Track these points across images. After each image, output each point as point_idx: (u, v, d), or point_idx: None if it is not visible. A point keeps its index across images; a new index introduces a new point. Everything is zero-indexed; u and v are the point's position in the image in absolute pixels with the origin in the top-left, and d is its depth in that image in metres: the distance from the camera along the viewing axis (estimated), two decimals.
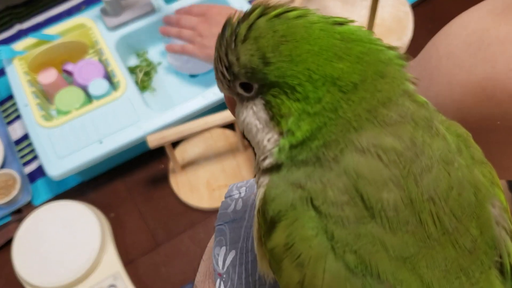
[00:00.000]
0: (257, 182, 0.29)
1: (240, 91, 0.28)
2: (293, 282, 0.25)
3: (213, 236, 0.46)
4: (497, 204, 0.26)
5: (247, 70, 0.26)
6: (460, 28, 0.38)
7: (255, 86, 0.27)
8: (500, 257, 0.26)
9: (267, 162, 0.27)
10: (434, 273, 0.24)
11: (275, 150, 0.27)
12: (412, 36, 1.16)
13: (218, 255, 0.42)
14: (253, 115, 0.28)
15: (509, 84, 0.33)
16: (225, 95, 0.31)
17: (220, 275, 0.42)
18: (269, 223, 0.26)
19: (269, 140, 0.28)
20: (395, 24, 1.17)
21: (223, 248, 0.42)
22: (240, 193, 0.45)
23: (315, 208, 0.24)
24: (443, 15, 1.22)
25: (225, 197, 0.46)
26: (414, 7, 1.22)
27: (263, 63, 0.26)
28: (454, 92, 0.36)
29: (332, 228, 0.24)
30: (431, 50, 0.40)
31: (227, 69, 0.28)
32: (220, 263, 0.42)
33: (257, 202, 0.28)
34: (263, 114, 0.28)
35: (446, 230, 0.24)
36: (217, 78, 0.29)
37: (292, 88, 0.26)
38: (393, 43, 1.14)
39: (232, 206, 0.44)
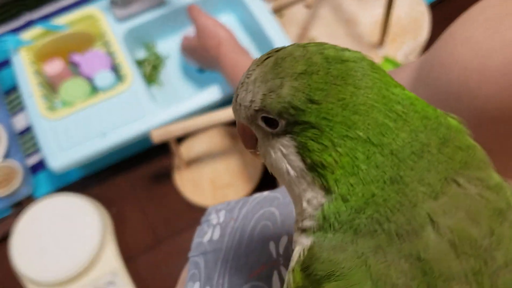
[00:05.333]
0: (294, 240, 0.25)
1: (261, 124, 0.25)
2: None
3: (186, 267, 0.42)
4: None
5: (284, 105, 0.23)
6: (478, 14, 0.36)
7: (282, 122, 0.23)
8: None
9: (307, 224, 0.24)
10: None
11: (318, 214, 0.23)
12: (428, 36, 1.12)
13: None
14: (282, 158, 0.24)
15: None
16: (238, 123, 0.27)
17: None
18: (315, 282, 0.22)
19: (309, 202, 0.23)
20: (411, 23, 1.14)
21: (197, 284, 0.38)
22: (218, 217, 0.41)
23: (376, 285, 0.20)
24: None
25: (202, 222, 0.42)
26: (432, 7, 1.18)
27: (307, 100, 0.22)
28: (469, 79, 0.33)
29: None
30: (447, 38, 0.37)
31: (252, 96, 0.24)
32: None
33: (293, 263, 0.24)
34: (296, 160, 0.24)
35: None
36: (235, 102, 0.26)
37: (341, 137, 0.22)
38: (408, 43, 1.11)
39: (208, 235, 0.41)
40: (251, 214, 0.40)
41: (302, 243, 0.24)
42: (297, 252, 0.24)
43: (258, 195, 0.42)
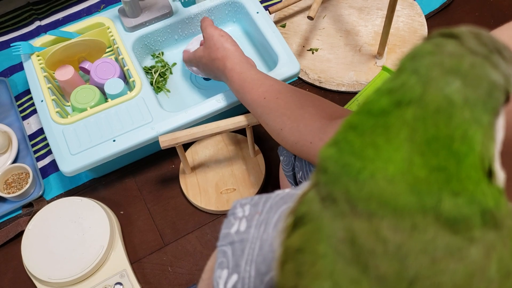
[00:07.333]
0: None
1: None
2: (287, 287, 0.26)
3: (214, 254, 0.45)
4: None
5: None
6: None
7: None
8: None
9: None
10: None
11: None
12: None
13: (219, 278, 0.41)
14: None
15: None
16: None
17: None
18: (294, 222, 0.27)
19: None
20: (410, 34, 1.18)
21: (225, 271, 0.41)
22: (244, 211, 0.44)
23: (329, 237, 0.25)
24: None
25: (228, 215, 0.44)
26: (428, 18, 1.22)
27: None
28: None
29: (336, 260, 0.25)
30: None
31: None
32: (221, 287, 0.41)
33: (293, 203, 0.29)
34: None
35: None
36: None
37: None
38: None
39: (235, 227, 0.43)
40: (275, 207, 0.42)
41: (307, 186, 0.29)
42: (299, 194, 0.29)
43: (280, 192, 0.44)
